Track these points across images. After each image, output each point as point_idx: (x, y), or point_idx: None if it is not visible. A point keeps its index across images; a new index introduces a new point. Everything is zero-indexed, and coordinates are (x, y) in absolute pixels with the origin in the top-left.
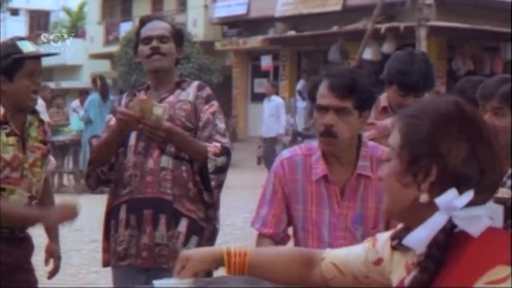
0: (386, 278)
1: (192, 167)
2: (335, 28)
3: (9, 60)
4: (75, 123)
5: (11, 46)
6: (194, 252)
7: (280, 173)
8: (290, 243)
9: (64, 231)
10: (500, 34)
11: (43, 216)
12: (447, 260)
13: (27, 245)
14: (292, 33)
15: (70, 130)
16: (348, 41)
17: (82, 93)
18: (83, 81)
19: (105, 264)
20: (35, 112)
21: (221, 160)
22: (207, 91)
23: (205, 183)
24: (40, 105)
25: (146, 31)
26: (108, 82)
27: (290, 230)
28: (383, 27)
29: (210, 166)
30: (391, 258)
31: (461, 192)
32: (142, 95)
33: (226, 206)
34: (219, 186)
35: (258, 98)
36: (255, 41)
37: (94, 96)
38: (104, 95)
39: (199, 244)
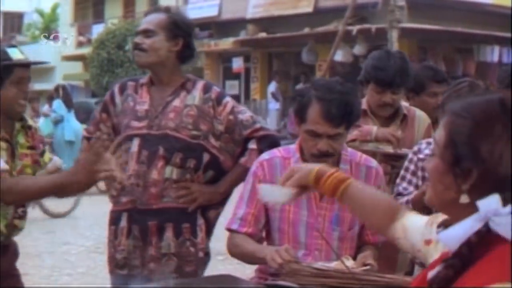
0: (428, 261)
1: (197, 173)
2: (306, 30)
3: None
4: (47, 127)
5: (0, 52)
6: (300, 167)
7: (259, 174)
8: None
9: (36, 233)
10: (473, 35)
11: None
12: (474, 262)
13: (11, 252)
14: (263, 35)
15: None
16: (319, 42)
17: (50, 98)
18: (56, 83)
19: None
20: (22, 119)
21: None
22: (215, 90)
23: None
24: None
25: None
26: (80, 84)
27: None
28: (354, 29)
29: None
30: (436, 243)
31: (504, 195)
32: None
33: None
34: None
35: None
36: (226, 43)
37: (59, 101)
38: (68, 104)
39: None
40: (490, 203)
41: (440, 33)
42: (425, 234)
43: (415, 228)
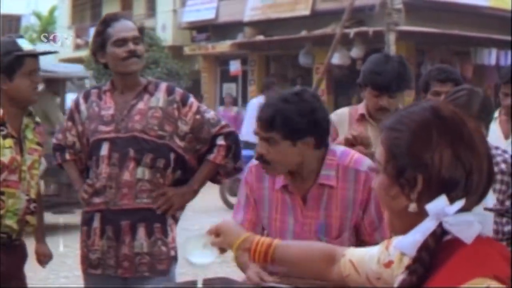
0: (394, 281)
1: (167, 172)
2: (303, 33)
3: (10, 58)
4: None
5: (11, 43)
6: (228, 230)
7: (250, 180)
8: None
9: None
10: (470, 38)
11: None
12: (436, 265)
13: (21, 253)
14: (260, 37)
15: None
16: (316, 45)
17: None
18: None
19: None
20: (30, 114)
21: (230, 158)
22: (179, 92)
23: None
24: None
25: (119, 32)
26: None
27: None
28: (352, 31)
29: (224, 172)
30: (400, 262)
31: (450, 196)
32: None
33: (193, 208)
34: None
35: None
36: (223, 46)
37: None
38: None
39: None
40: (438, 204)
41: (437, 36)
42: (381, 259)
43: (366, 259)
